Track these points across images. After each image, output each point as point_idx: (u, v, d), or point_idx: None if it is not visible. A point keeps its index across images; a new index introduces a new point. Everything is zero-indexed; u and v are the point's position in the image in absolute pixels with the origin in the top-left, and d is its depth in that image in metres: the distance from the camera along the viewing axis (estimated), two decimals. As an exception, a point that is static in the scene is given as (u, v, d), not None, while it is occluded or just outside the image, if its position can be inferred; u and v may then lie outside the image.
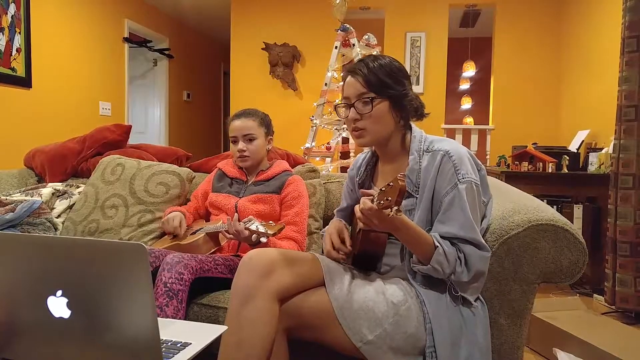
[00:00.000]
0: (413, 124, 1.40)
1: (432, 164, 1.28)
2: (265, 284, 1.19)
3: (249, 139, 1.88)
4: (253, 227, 1.52)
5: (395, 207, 1.08)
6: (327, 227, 1.56)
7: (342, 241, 1.43)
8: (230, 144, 1.93)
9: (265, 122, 1.94)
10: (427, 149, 1.32)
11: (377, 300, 1.22)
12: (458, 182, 1.23)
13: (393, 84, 1.31)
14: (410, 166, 1.32)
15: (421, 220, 1.28)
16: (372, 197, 1.16)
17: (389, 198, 1.08)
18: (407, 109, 1.35)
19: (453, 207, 1.23)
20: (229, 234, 1.61)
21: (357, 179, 1.51)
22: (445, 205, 1.24)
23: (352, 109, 1.34)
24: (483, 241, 1.23)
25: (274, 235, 1.52)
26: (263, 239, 1.54)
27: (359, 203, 1.49)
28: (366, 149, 1.54)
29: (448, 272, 1.21)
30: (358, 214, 1.18)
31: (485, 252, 1.23)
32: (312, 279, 1.28)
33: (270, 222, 1.60)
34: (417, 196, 1.30)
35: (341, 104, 1.38)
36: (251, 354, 1.15)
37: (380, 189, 1.12)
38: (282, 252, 1.28)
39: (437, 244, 1.20)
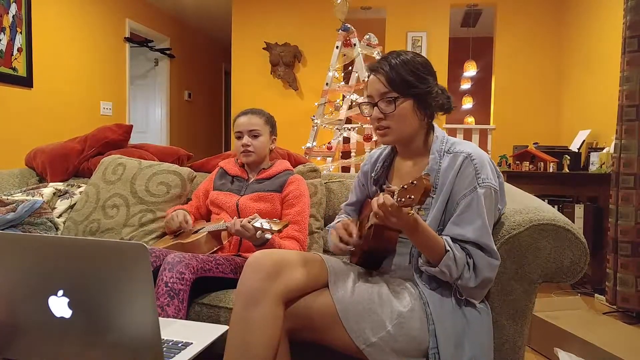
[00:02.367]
0: (435, 124, 1.39)
1: (452, 165, 1.27)
2: (271, 286, 1.19)
3: (254, 135, 1.89)
4: (257, 224, 1.52)
5: (418, 206, 1.07)
6: (332, 223, 1.56)
7: (350, 235, 1.40)
8: (234, 140, 1.94)
9: (271, 122, 1.96)
10: (449, 150, 1.31)
11: (381, 302, 1.22)
12: (477, 186, 1.22)
13: (416, 82, 1.29)
14: (430, 166, 1.31)
15: (435, 220, 1.27)
16: (392, 193, 1.14)
17: (412, 196, 1.06)
18: (432, 107, 1.33)
19: (470, 210, 1.22)
20: (233, 231, 1.61)
21: (372, 174, 1.49)
22: (462, 207, 1.23)
23: (375, 108, 1.32)
24: (495, 248, 1.22)
25: (279, 232, 1.52)
26: (268, 236, 1.53)
27: (369, 199, 1.48)
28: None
29: (455, 277, 1.20)
30: (375, 208, 1.15)
31: (495, 260, 1.22)
32: (317, 280, 1.28)
33: (275, 219, 1.60)
34: (434, 196, 1.29)
35: (365, 102, 1.37)
36: (256, 357, 1.14)
37: (402, 187, 1.10)
38: (287, 253, 1.27)
39: (448, 248, 1.19)
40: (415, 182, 1.07)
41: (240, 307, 1.19)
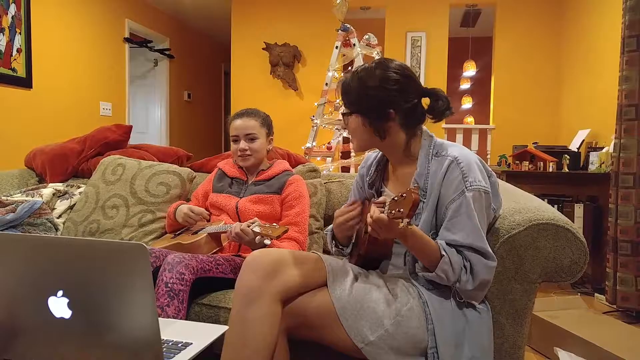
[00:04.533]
0: (424, 127, 1.38)
1: (439, 169, 1.27)
2: (269, 285, 1.19)
3: (251, 138, 1.88)
4: (257, 230, 1.52)
5: (407, 220, 1.08)
6: (329, 227, 1.56)
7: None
8: (231, 143, 1.93)
9: (267, 123, 1.94)
10: (437, 153, 1.31)
11: (379, 300, 1.22)
12: (465, 190, 1.22)
13: (366, 99, 1.30)
14: (418, 170, 1.31)
15: (426, 224, 1.27)
16: (383, 205, 1.15)
17: (401, 210, 1.07)
18: (386, 127, 1.30)
19: (460, 214, 1.21)
20: (232, 235, 1.61)
21: (367, 178, 1.50)
22: (452, 212, 1.23)
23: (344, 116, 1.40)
24: (490, 250, 1.22)
25: (277, 238, 1.52)
26: (267, 241, 1.54)
27: (367, 201, 1.49)
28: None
29: (453, 280, 1.20)
30: (369, 220, 1.16)
31: (492, 262, 1.21)
32: (315, 279, 1.28)
33: (274, 224, 1.59)
34: (424, 200, 1.29)
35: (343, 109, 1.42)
36: (254, 355, 1.15)
37: (392, 199, 1.12)
38: (285, 252, 1.28)
39: (444, 252, 1.19)
40: (404, 194, 1.09)
41: (238, 305, 1.20)
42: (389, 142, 1.34)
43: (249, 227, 1.55)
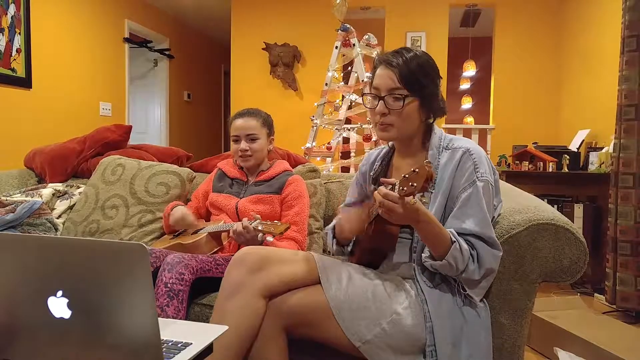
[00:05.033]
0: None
1: (451, 160, 1.28)
2: (252, 279, 1.21)
3: (252, 138, 1.88)
4: (260, 227, 1.53)
5: (420, 194, 1.07)
6: (329, 225, 1.56)
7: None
8: (232, 143, 1.92)
9: (268, 123, 1.94)
10: (447, 146, 1.32)
11: (375, 299, 1.22)
12: (477, 180, 1.24)
13: (427, 83, 1.31)
14: (429, 160, 1.31)
15: (437, 216, 1.27)
16: (392, 184, 1.14)
17: (414, 184, 1.06)
18: (435, 109, 1.35)
19: (470, 203, 1.22)
20: (234, 234, 1.61)
21: (372, 173, 1.50)
22: (462, 201, 1.24)
23: (380, 101, 1.31)
24: (496, 239, 1.23)
25: (280, 234, 1.52)
26: (269, 238, 1.54)
27: (368, 199, 1.49)
28: (381, 144, 1.54)
29: (461, 269, 1.20)
30: (379, 198, 1.13)
31: (497, 251, 1.22)
32: (305, 277, 1.28)
33: (276, 221, 1.60)
34: (433, 191, 1.29)
35: (369, 93, 1.36)
36: (226, 347, 1.16)
37: (404, 176, 1.10)
38: (274, 250, 1.29)
39: (455, 239, 1.19)
40: (417, 169, 1.07)
41: (220, 299, 1.23)
42: (420, 130, 1.36)
43: (250, 224, 1.56)
